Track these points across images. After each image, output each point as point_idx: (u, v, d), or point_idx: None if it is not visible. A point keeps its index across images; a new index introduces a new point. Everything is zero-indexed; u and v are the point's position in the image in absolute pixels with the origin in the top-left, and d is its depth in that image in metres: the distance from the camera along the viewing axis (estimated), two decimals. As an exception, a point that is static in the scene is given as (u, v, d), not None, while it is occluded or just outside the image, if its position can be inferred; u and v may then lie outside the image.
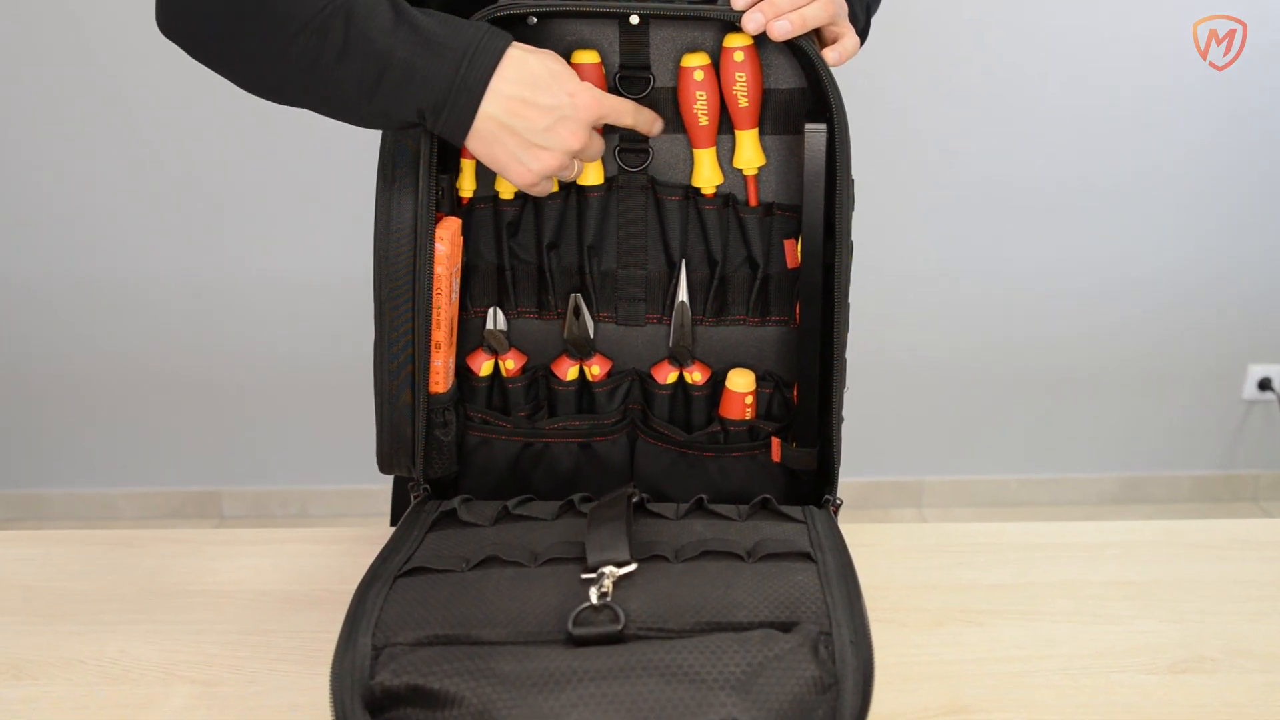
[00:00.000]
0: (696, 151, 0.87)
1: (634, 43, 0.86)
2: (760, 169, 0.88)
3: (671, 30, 0.85)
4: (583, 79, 0.84)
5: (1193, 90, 2.19)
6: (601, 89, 0.85)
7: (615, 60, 0.86)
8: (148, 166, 2.20)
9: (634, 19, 0.84)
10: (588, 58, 0.85)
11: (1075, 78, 2.19)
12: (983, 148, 2.24)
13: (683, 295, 0.91)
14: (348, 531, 0.97)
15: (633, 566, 0.68)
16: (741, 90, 0.85)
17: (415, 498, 0.87)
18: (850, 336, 0.86)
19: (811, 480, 0.93)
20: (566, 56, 0.85)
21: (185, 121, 2.16)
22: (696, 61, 0.84)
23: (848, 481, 0.97)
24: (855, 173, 0.84)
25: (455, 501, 0.82)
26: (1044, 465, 2.53)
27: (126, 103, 2.15)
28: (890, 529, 0.99)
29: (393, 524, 1.01)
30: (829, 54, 0.83)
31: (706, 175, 0.88)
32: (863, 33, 0.97)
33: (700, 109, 0.85)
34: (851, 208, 0.83)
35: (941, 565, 0.92)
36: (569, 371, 0.93)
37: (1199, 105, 2.21)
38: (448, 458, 0.91)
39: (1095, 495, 2.55)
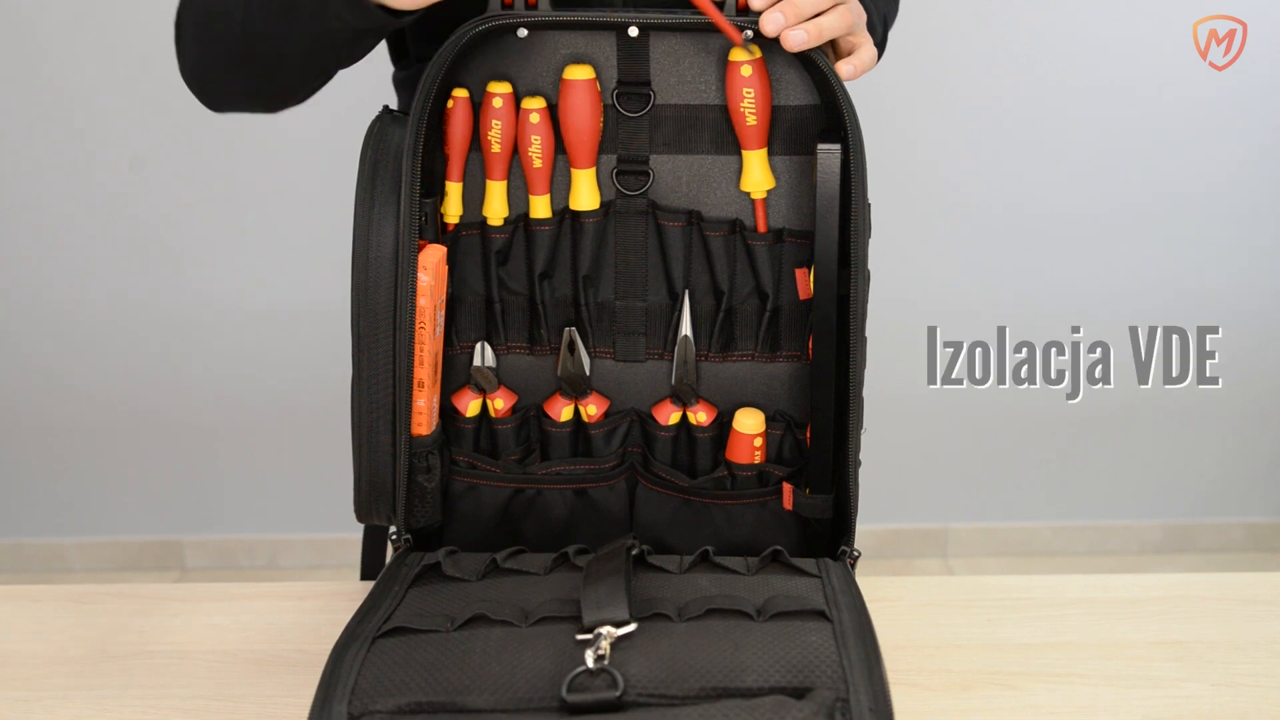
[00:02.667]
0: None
1: (633, 56, 0.87)
2: (769, 192, 0.89)
3: (673, 42, 0.87)
4: (576, 96, 0.86)
5: (1231, 100, 2.21)
6: (596, 107, 0.86)
7: (613, 75, 0.87)
8: (102, 184, 2.21)
9: (633, 30, 0.85)
10: (581, 73, 0.86)
11: (1101, 97, 2.21)
12: (1007, 170, 2.26)
13: (686, 329, 0.91)
14: (322, 586, 0.97)
15: (632, 626, 0.68)
16: (749, 107, 0.86)
17: (396, 549, 0.87)
18: (867, 372, 0.87)
19: (827, 529, 0.93)
20: (560, 71, 0.87)
21: (141, 136, 2.18)
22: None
23: (866, 529, 0.97)
24: (871, 196, 0.84)
25: (439, 554, 0.82)
26: (1080, 511, 2.52)
27: (80, 118, 2.17)
28: (913, 582, 0.99)
29: (363, 578, 1.01)
30: (844, 67, 0.83)
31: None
32: (880, 45, 0.98)
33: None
34: (868, 234, 0.84)
35: (969, 622, 0.92)
36: (563, 412, 0.93)
37: (1237, 117, 2.23)
38: (431, 506, 0.91)
39: (1137, 544, 2.54)
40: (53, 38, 2.11)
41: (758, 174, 0.88)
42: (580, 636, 0.68)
